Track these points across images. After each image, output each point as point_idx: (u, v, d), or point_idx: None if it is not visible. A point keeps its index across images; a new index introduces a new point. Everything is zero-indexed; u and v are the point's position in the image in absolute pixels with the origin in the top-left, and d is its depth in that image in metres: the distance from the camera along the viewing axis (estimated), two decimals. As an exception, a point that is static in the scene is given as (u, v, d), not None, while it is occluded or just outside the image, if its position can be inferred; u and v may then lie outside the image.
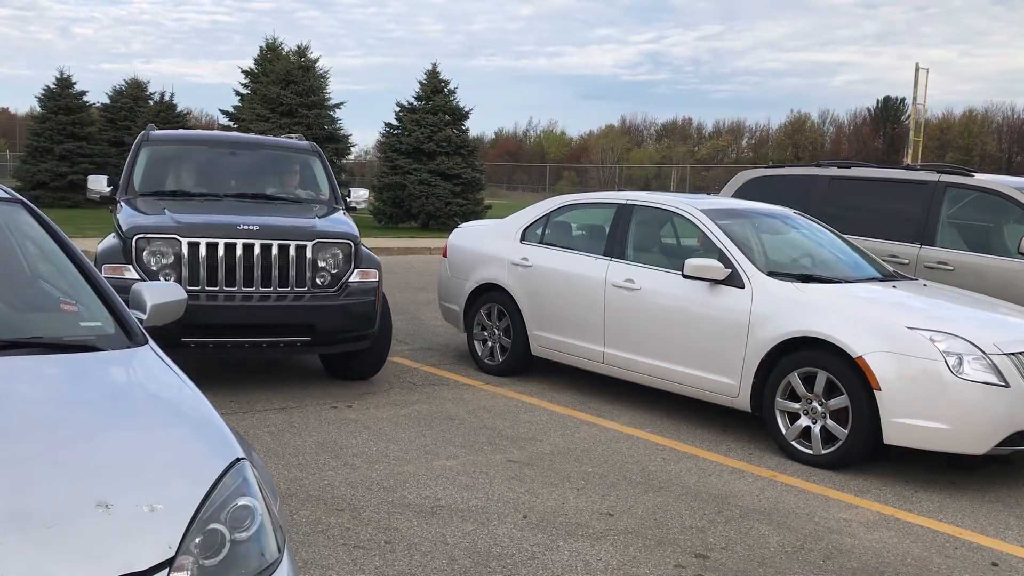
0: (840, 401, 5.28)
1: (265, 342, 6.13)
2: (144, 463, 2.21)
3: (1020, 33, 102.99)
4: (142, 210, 6.50)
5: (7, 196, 3.42)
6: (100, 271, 5.38)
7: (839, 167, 8.56)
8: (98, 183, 7.19)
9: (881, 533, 4.43)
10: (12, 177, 29.50)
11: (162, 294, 3.25)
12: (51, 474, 2.07)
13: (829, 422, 5.36)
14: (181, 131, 8.30)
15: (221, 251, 6.01)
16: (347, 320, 6.27)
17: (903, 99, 60.88)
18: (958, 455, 5.23)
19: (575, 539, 4.12)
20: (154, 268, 5.91)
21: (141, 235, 5.95)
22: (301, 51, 26.98)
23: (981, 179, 7.61)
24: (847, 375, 5.24)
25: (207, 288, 6.00)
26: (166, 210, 6.40)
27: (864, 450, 5.25)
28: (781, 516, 4.57)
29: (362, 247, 6.53)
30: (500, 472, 5.00)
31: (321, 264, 6.25)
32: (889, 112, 65.08)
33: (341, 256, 6.34)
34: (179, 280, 5.94)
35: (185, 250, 5.96)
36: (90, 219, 21.13)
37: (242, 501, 2.18)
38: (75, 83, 27.44)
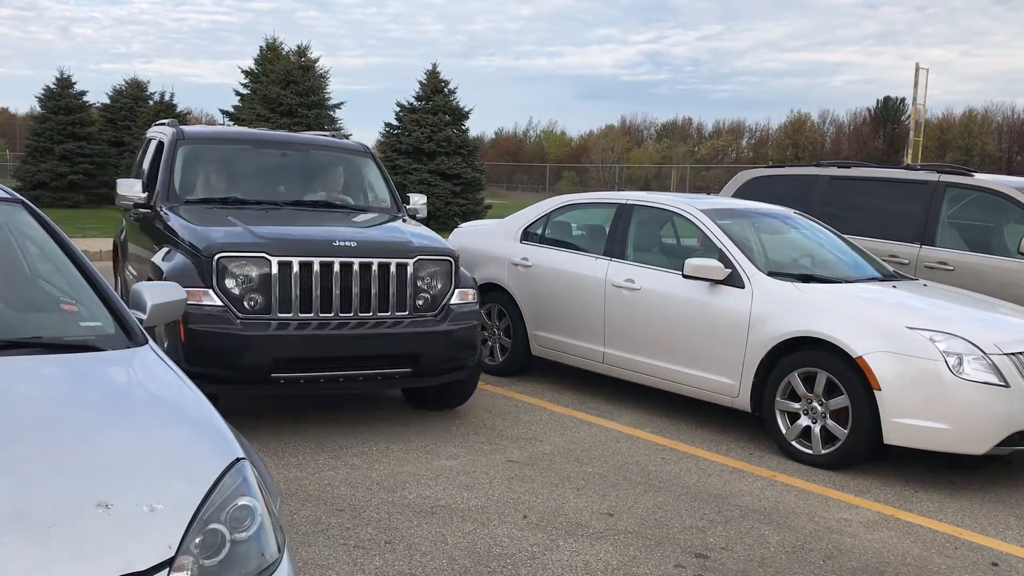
0: (840, 401, 5.28)
1: (362, 375, 5.36)
2: (144, 463, 2.21)
3: (1020, 33, 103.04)
4: (204, 222, 5.64)
5: (7, 196, 3.42)
6: None
7: (839, 167, 8.57)
8: (130, 188, 6.35)
9: (881, 533, 4.43)
10: (12, 177, 29.50)
11: (162, 294, 3.25)
12: (51, 474, 2.07)
13: (829, 422, 5.36)
14: (217, 128, 7.57)
15: (316, 271, 5.20)
16: (453, 348, 5.57)
17: (903, 99, 60.88)
18: (958, 455, 5.22)
19: (575, 539, 4.12)
20: (237, 292, 5.09)
21: (223, 253, 5.09)
22: (301, 51, 26.96)
23: (981, 179, 7.61)
24: (847, 375, 5.24)
25: (300, 315, 5.18)
26: (237, 222, 5.59)
27: (864, 450, 5.25)
28: (781, 516, 4.57)
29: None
30: (500, 472, 5.00)
31: (421, 284, 5.54)
32: (889, 112, 65.04)
33: (441, 275, 5.63)
34: (268, 307, 5.15)
35: (275, 270, 5.13)
36: (90, 219, 21.14)
37: (242, 501, 2.18)
38: (75, 83, 27.40)
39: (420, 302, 5.52)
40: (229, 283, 5.09)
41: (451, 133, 25.19)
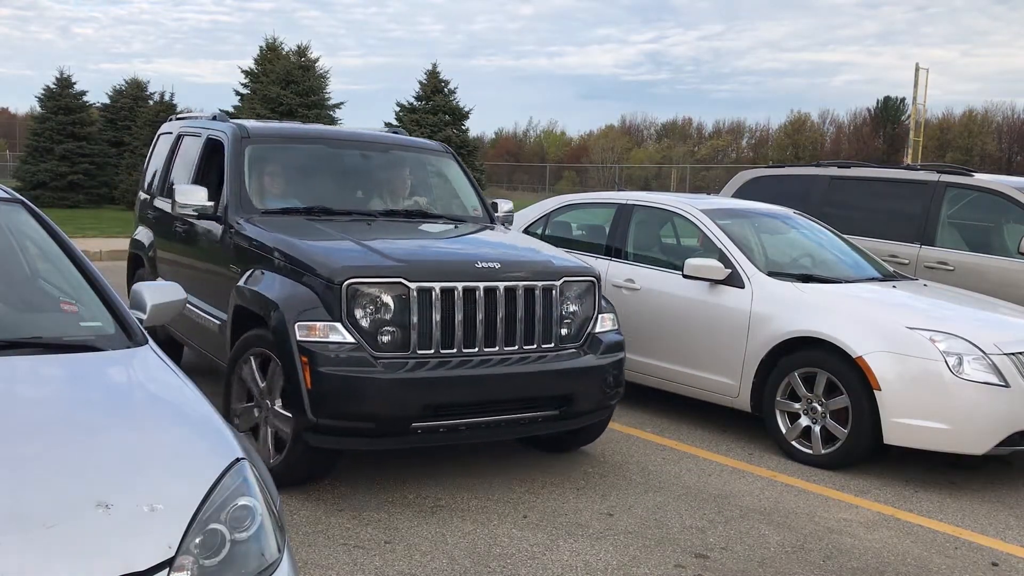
0: (840, 401, 5.28)
1: (505, 420, 4.58)
2: (144, 463, 2.21)
3: (1021, 33, 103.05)
4: (310, 239, 4.77)
5: (7, 196, 3.43)
6: (290, 327, 4.21)
7: (839, 167, 8.57)
8: (194, 195, 5.35)
9: (881, 533, 4.43)
10: (12, 177, 29.49)
11: (162, 294, 3.25)
12: (51, 474, 2.07)
13: (829, 422, 5.36)
14: (283, 124, 6.50)
15: (458, 298, 4.41)
16: (605, 386, 4.84)
17: (903, 99, 60.88)
18: (958, 455, 5.22)
19: (575, 539, 4.12)
20: (368, 326, 4.25)
21: (354, 279, 4.25)
22: (301, 51, 26.96)
23: (981, 179, 7.62)
24: (847, 375, 5.24)
25: (442, 351, 4.38)
26: (349, 238, 4.77)
27: (864, 450, 5.25)
28: (781, 516, 4.57)
29: None
30: (500, 472, 5.00)
31: (565, 310, 4.79)
32: (889, 112, 65.04)
33: (586, 298, 4.89)
34: (405, 342, 4.29)
35: (415, 299, 4.32)
36: (90, 219, 21.15)
37: (242, 501, 2.18)
38: (75, 83, 27.39)
39: (564, 331, 4.77)
40: (359, 315, 4.26)
41: (451, 133, 25.23)
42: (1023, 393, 5.02)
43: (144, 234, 6.99)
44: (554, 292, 4.68)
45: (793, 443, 5.52)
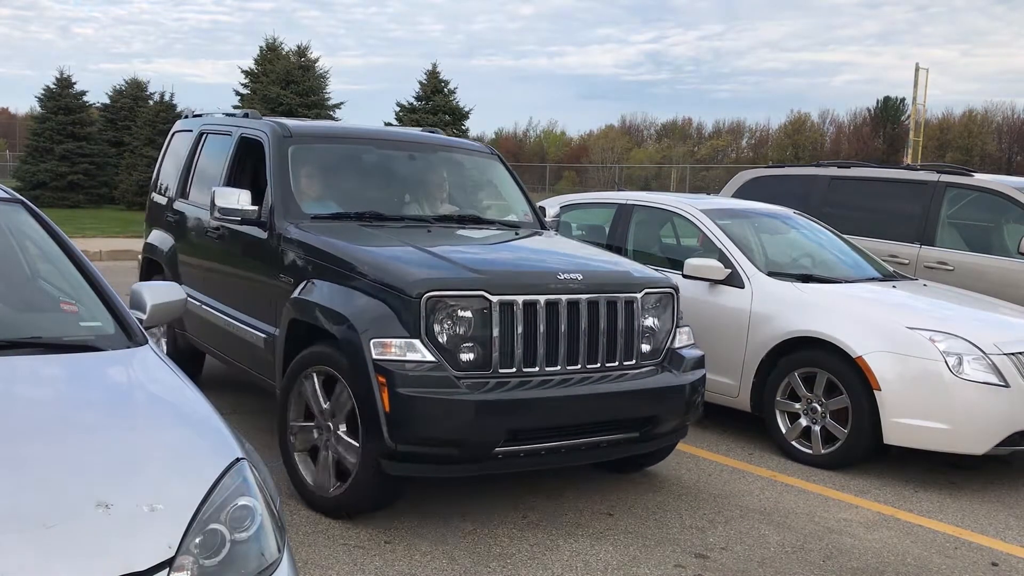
0: (840, 401, 5.28)
1: (585, 444, 4.28)
2: (144, 463, 2.21)
3: (1021, 33, 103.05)
4: (373, 247, 4.48)
5: (7, 196, 3.43)
6: (363, 345, 3.89)
7: (839, 167, 8.58)
8: (236, 199, 4.96)
9: (881, 533, 4.43)
10: (12, 177, 29.50)
11: (162, 294, 3.25)
12: (51, 474, 2.07)
13: (829, 422, 5.36)
14: (326, 123, 6.06)
15: (541, 313, 4.11)
16: (688, 405, 4.55)
17: (903, 99, 60.86)
18: (958, 455, 5.23)
19: (575, 539, 4.12)
20: (447, 343, 3.94)
21: (434, 292, 3.93)
22: (301, 51, 26.98)
23: (981, 179, 7.62)
24: (847, 375, 5.24)
25: (524, 370, 4.09)
26: (418, 247, 4.45)
27: (864, 450, 5.25)
28: (781, 516, 4.57)
29: None
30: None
31: (646, 324, 4.52)
32: (889, 112, 65.04)
33: (665, 312, 4.61)
34: (487, 361, 3.99)
35: (496, 313, 4.02)
36: (90, 219, 21.15)
37: (242, 501, 2.18)
38: (75, 83, 27.43)
39: (645, 346, 4.49)
40: (437, 331, 3.95)
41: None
42: (1023, 393, 5.02)
43: (161, 238, 6.53)
44: (635, 305, 4.40)
45: (793, 443, 5.52)
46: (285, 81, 25.55)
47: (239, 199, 4.96)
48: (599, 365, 4.29)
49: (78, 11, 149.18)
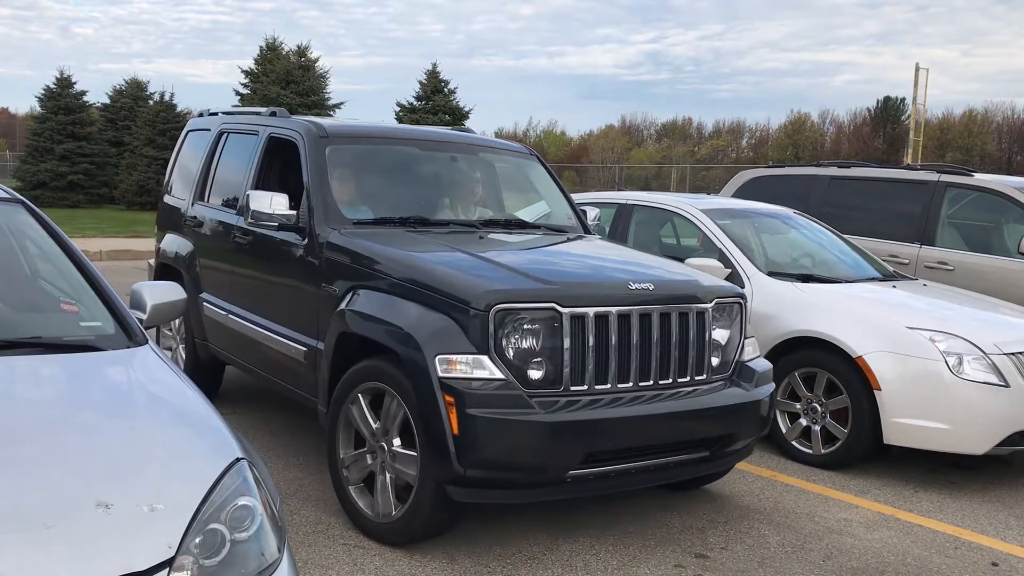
0: (840, 401, 5.28)
1: (655, 465, 4.01)
2: (144, 463, 2.21)
3: (1021, 33, 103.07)
4: (429, 255, 4.22)
5: (7, 196, 3.43)
6: (428, 361, 3.61)
7: (839, 167, 8.58)
8: (273, 203, 4.66)
9: (881, 533, 4.43)
10: (12, 177, 29.53)
11: (162, 294, 3.25)
12: (51, 474, 2.07)
13: (829, 422, 5.36)
14: (360, 122, 5.82)
15: (613, 325, 3.85)
16: (762, 421, 4.32)
17: (903, 99, 60.87)
18: (958, 455, 5.23)
19: (575, 539, 4.12)
20: (514, 359, 3.66)
21: (503, 304, 3.65)
22: (301, 51, 27.00)
23: (981, 179, 7.63)
24: (847, 375, 5.24)
25: (596, 387, 3.82)
26: (478, 255, 4.22)
27: (864, 450, 5.25)
28: (781, 516, 4.57)
29: None
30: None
31: (716, 336, 4.25)
32: (889, 112, 65.05)
33: (734, 323, 4.35)
34: (557, 378, 3.73)
35: (567, 326, 3.76)
36: (90, 219, 21.16)
37: (242, 501, 2.18)
38: (75, 83, 27.48)
39: (714, 360, 4.23)
40: (506, 346, 3.67)
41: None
42: (1023, 393, 5.02)
43: (177, 243, 6.17)
44: (707, 316, 4.15)
45: (793, 443, 5.52)
46: (285, 81, 25.56)
47: (277, 203, 4.67)
48: (671, 381, 4.02)
49: (78, 11, 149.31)
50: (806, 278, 5.92)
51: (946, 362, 4.99)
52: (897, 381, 5.07)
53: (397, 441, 3.86)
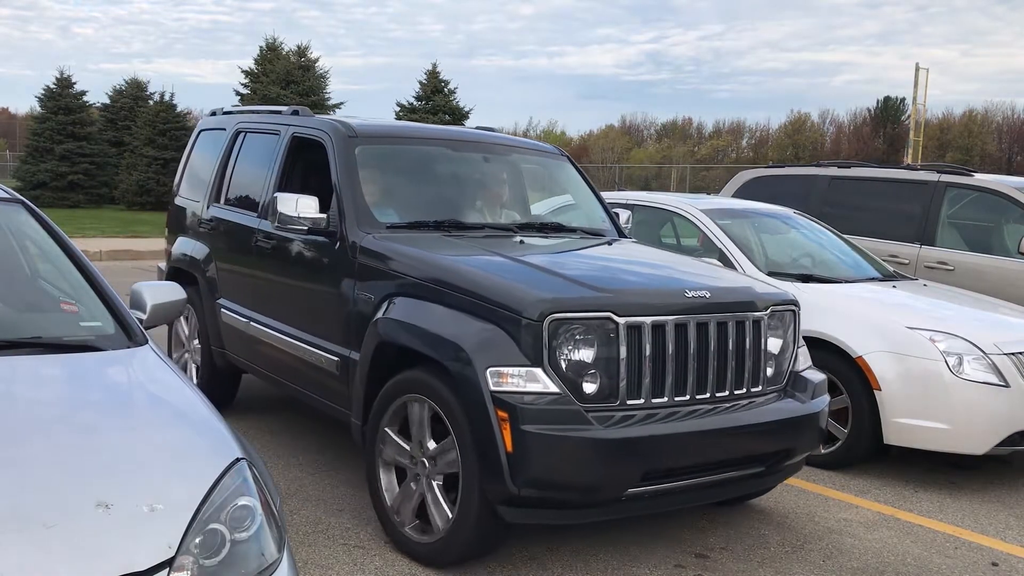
0: (840, 401, 5.28)
1: (709, 483, 3.83)
2: (144, 463, 2.21)
3: (1022, 32, 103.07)
4: (471, 260, 4.04)
5: (7, 196, 3.43)
6: (478, 374, 3.42)
7: (839, 167, 8.58)
8: (300, 206, 4.44)
9: (881, 533, 4.43)
10: (12, 177, 29.53)
11: (163, 294, 3.25)
12: (51, 474, 2.07)
13: (829, 421, 5.35)
14: (389, 122, 5.57)
15: (670, 335, 3.67)
16: (819, 435, 4.16)
17: (903, 99, 60.87)
18: (958, 455, 5.23)
19: (575, 539, 4.12)
20: (568, 371, 3.48)
21: (557, 314, 3.47)
22: (301, 51, 27.01)
23: (981, 179, 7.63)
24: (847, 375, 5.24)
25: (653, 401, 3.64)
26: (525, 260, 4.07)
27: (864, 450, 5.25)
28: (781, 516, 4.57)
29: None
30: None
31: (770, 346, 4.07)
32: (889, 112, 65.05)
33: (787, 331, 4.19)
34: (613, 391, 3.55)
35: (624, 337, 3.57)
36: (90, 219, 21.16)
37: (242, 501, 2.18)
38: (75, 83, 27.47)
39: (769, 371, 4.06)
40: (560, 357, 3.49)
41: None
42: (1023, 393, 5.02)
43: (191, 247, 5.93)
44: (762, 324, 3.98)
45: (793, 443, 5.52)
46: (285, 81, 25.57)
47: (306, 206, 4.44)
48: (727, 393, 3.85)
49: (78, 11, 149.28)
50: (806, 278, 5.91)
51: (946, 362, 5.00)
52: (897, 381, 5.07)
53: (440, 461, 3.69)
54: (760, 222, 6.73)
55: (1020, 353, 5.12)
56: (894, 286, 6.10)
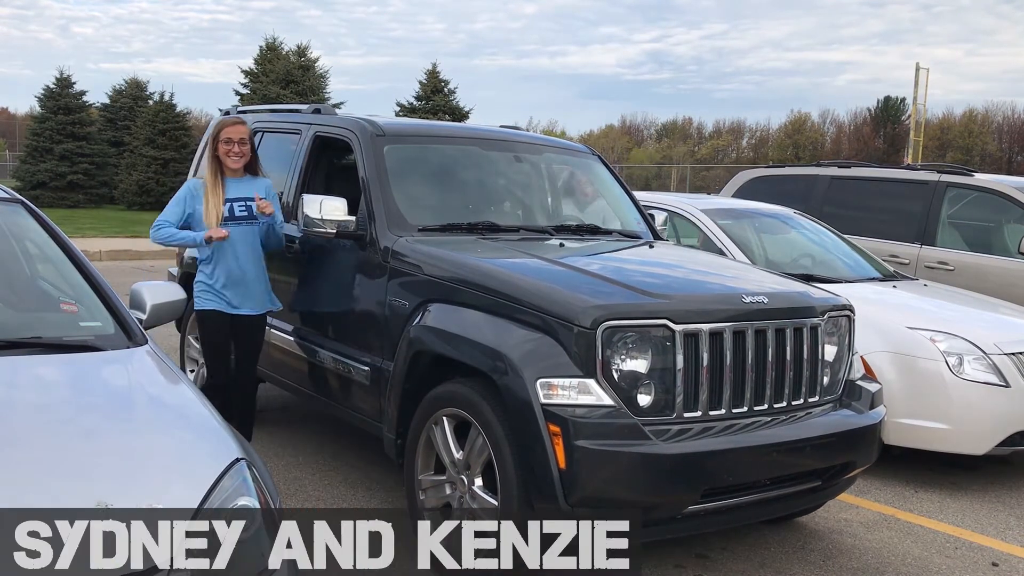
0: (840, 401, 5.27)
1: (764, 499, 3.64)
2: (144, 463, 2.21)
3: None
4: (510, 261, 3.91)
5: (7, 196, 3.43)
6: (528, 386, 3.23)
7: (839, 167, 8.59)
8: (328, 208, 4.24)
9: (881, 533, 4.43)
10: (12, 177, 29.51)
11: (163, 294, 3.25)
12: (51, 474, 2.07)
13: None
14: (416, 121, 5.13)
15: (728, 344, 3.48)
16: (877, 447, 3.96)
17: (903, 99, 60.84)
18: (958, 455, 5.22)
19: (575, 539, 4.11)
20: (622, 382, 3.30)
21: (612, 321, 3.28)
22: (301, 51, 26.99)
23: (981, 179, 7.63)
24: (847, 375, 5.23)
25: (710, 413, 3.46)
26: (572, 265, 3.88)
27: (864, 450, 5.24)
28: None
29: None
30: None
31: (826, 353, 3.88)
32: (889, 112, 65.04)
33: (843, 338, 4.00)
34: (670, 403, 3.36)
35: (680, 345, 3.38)
36: (90, 219, 21.16)
37: (241, 501, 2.18)
38: (75, 83, 27.42)
39: (826, 380, 3.87)
40: (613, 368, 3.30)
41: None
42: (1023, 393, 5.02)
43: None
44: (820, 331, 3.80)
45: (793, 443, 5.51)
46: (285, 81, 25.53)
47: (333, 208, 4.23)
48: (785, 404, 3.65)
49: (78, 11, 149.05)
50: (806, 278, 5.89)
51: (946, 362, 4.99)
52: (897, 381, 5.07)
53: (479, 481, 3.51)
54: (760, 222, 6.73)
55: (1020, 353, 5.11)
56: (894, 286, 6.10)
